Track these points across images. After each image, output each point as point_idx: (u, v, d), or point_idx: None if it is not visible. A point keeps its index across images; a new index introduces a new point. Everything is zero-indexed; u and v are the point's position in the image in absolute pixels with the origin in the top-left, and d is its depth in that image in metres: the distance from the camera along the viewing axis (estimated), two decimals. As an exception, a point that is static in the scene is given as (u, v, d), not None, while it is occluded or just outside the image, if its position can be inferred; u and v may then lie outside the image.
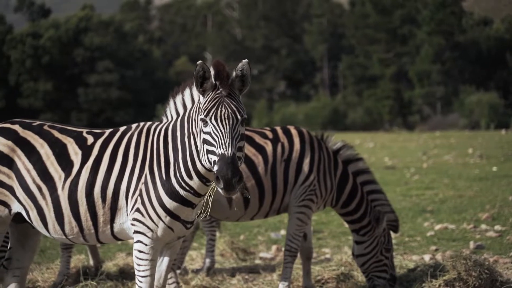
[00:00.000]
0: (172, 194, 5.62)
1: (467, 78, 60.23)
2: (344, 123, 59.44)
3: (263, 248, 11.02)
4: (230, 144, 5.20)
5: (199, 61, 5.40)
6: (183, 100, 5.80)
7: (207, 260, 9.45)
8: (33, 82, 61.70)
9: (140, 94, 62.68)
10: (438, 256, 9.72)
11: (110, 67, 63.04)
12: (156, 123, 5.94)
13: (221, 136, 5.23)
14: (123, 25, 69.32)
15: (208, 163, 5.36)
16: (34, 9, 74.26)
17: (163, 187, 5.64)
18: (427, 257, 9.66)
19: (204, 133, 5.32)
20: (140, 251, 5.71)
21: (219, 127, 5.26)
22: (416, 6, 63.52)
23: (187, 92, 5.78)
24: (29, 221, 5.97)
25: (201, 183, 5.59)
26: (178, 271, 9.16)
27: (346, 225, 12.86)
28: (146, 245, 5.69)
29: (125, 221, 5.77)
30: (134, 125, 6.03)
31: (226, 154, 5.16)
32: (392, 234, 8.70)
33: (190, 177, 5.58)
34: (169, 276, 7.52)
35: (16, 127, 6.07)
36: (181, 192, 5.61)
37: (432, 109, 61.02)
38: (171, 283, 7.56)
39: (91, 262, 9.32)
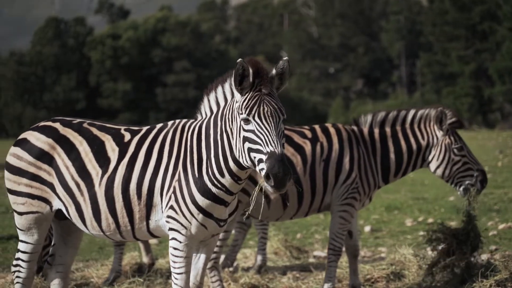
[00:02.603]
0: (205, 191, 5.61)
1: (550, 74, 58.51)
2: (423, 121, 58.43)
3: (318, 246, 10.93)
4: (278, 142, 5.17)
5: (239, 59, 5.38)
6: (217, 98, 5.78)
7: (259, 258, 9.42)
8: (113, 83, 62.90)
9: (217, 94, 62.98)
10: (497, 256, 9.43)
11: (187, 67, 63.69)
12: (191, 121, 5.96)
13: (268, 134, 5.20)
14: (200, 25, 69.87)
15: (249, 162, 5.31)
16: (114, 10, 75.73)
17: (195, 184, 5.63)
18: (484, 257, 9.38)
19: (246, 131, 5.28)
20: (175, 248, 5.73)
21: (264, 125, 5.23)
22: (497, 2, 61.99)
23: (220, 90, 5.76)
24: (68, 217, 6.05)
25: (233, 181, 5.56)
26: (230, 269, 9.17)
27: (408, 224, 12.74)
28: (180, 242, 5.70)
29: (160, 218, 5.79)
30: (170, 122, 6.06)
31: (276, 151, 5.12)
32: None
33: (222, 175, 5.56)
34: (212, 274, 7.52)
35: (57, 125, 6.17)
36: (213, 189, 5.60)
37: (514, 106, 59.53)
38: (215, 281, 7.55)
39: (144, 259, 9.40)
